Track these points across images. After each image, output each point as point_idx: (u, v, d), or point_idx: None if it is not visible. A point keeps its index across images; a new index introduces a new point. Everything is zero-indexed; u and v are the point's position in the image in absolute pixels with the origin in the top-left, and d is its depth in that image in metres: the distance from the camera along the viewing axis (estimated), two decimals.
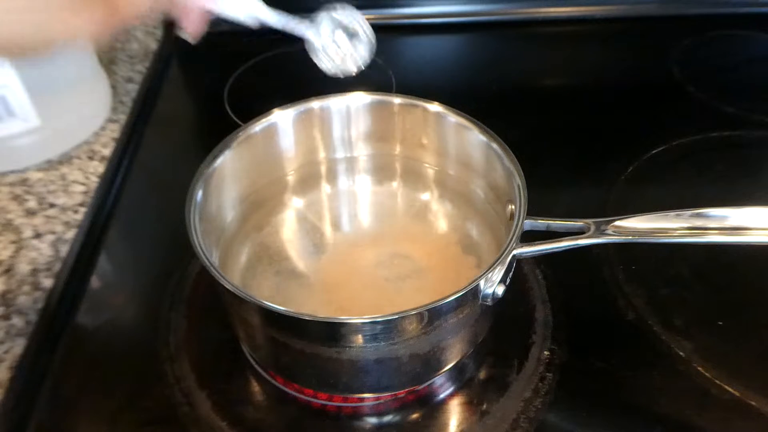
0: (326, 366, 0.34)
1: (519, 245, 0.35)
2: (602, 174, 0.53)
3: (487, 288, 0.33)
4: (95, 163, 0.55)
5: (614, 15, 0.73)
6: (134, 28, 0.73)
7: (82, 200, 0.51)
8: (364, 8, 0.39)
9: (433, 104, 0.43)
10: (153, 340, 0.41)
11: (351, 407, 0.38)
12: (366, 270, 0.41)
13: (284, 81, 0.65)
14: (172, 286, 0.45)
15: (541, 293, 0.44)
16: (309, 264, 0.41)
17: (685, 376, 0.40)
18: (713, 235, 0.35)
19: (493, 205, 0.42)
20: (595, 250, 0.47)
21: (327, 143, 0.46)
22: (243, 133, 0.41)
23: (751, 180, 0.54)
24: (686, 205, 0.36)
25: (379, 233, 0.44)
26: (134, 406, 0.39)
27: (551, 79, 0.68)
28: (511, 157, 0.39)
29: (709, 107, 0.61)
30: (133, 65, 0.67)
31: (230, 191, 0.42)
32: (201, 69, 0.69)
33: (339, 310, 0.39)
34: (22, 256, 0.47)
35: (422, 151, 0.46)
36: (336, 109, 0.44)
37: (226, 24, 0.38)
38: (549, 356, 0.40)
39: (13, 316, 0.43)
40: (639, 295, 0.44)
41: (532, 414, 0.38)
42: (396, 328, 0.32)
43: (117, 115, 0.60)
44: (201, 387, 0.39)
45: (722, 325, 0.42)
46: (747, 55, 0.70)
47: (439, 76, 0.68)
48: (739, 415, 0.38)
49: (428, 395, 0.39)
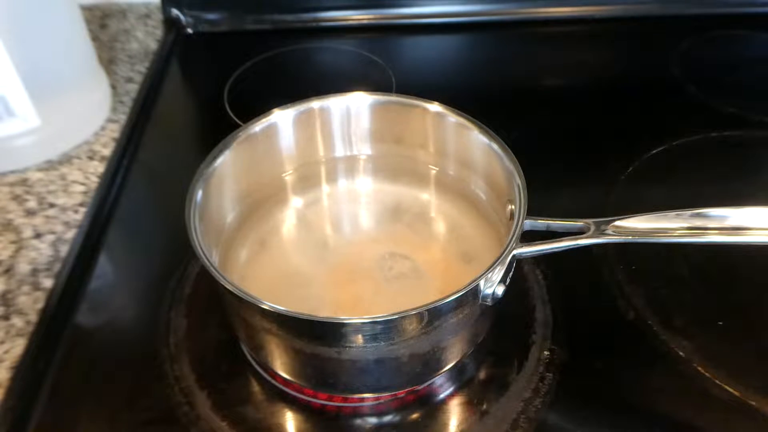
0: (326, 366, 0.34)
1: (519, 245, 0.35)
2: (602, 174, 0.53)
3: (487, 288, 0.33)
4: (95, 163, 0.55)
5: (614, 15, 0.73)
6: (134, 28, 0.73)
7: (82, 200, 0.51)
8: (365, 8, 0.39)
9: (433, 104, 0.43)
10: (153, 340, 0.41)
11: (351, 407, 0.38)
12: (366, 270, 0.41)
13: (284, 81, 0.65)
14: (172, 286, 0.45)
15: (541, 293, 0.44)
16: (309, 264, 0.41)
17: (685, 376, 0.40)
18: (713, 235, 0.35)
19: (493, 205, 0.42)
20: (595, 250, 0.47)
21: (327, 143, 0.46)
22: (243, 133, 0.41)
23: (751, 180, 0.54)
24: (686, 205, 0.36)
25: (378, 233, 0.44)
26: (134, 406, 0.39)
27: (551, 79, 0.68)
28: (511, 157, 0.39)
29: (709, 107, 0.61)
30: (133, 65, 0.67)
31: (230, 191, 0.42)
32: (201, 69, 0.70)
33: (339, 310, 0.39)
34: (22, 256, 0.47)
35: (422, 151, 0.46)
36: (336, 109, 0.44)
37: (226, 24, 0.38)
38: (549, 356, 0.40)
39: (13, 316, 0.43)
40: (639, 295, 0.44)
41: (532, 414, 0.38)
42: (396, 328, 0.32)
43: (117, 115, 0.60)
44: (201, 387, 0.39)
45: (722, 325, 0.42)
46: (747, 55, 0.70)
47: (439, 76, 0.68)
48: (739, 415, 0.38)
49: (428, 395, 0.39)
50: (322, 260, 0.42)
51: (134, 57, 0.69)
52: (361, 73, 0.67)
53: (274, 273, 0.40)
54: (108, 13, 0.75)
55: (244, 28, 0.72)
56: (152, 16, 0.75)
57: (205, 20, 0.71)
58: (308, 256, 0.42)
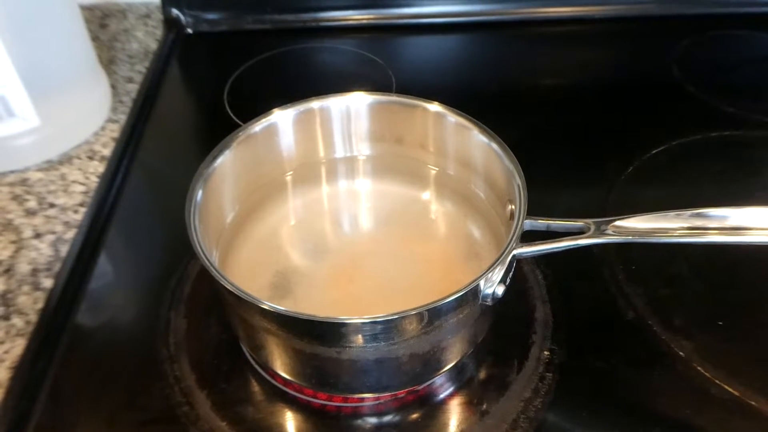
0: (326, 366, 0.34)
1: (519, 245, 0.35)
2: (602, 174, 0.53)
3: (487, 288, 0.33)
4: (95, 163, 0.55)
5: (614, 15, 0.73)
6: (134, 27, 0.73)
7: (82, 200, 0.51)
8: (365, 8, 0.39)
9: (433, 104, 0.43)
10: (153, 340, 0.42)
11: (351, 407, 0.38)
12: (365, 269, 0.41)
13: (284, 81, 0.65)
14: (172, 286, 0.45)
15: (541, 293, 0.44)
16: (309, 264, 0.41)
17: (685, 376, 0.40)
18: (713, 235, 0.35)
19: (493, 205, 0.42)
20: (595, 250, 0.47)
21: (327, 143, 0.46)
22: (243, 133, 0.41)
23: (751, 180, 0.54)
24: (686, 205, 0.36)
25: (378, 233, 0.44)
26: (134, 406, 0.39)
27: (551, 79, 0.68)
28: (511, 157, 0.39)
29: (709, 107, 0.61)
30: (133, 65, 0.67)
31: (230, 191, 0.42)
32: (201, 69, 0.70)
33: (339, 310, 0.39)
34: (22, 256, 0.47)
35: (422, 151, 0.46)
36: (336, 109, 0.44)
37: (226, 24, 0.38)
38: (549, 356, 0.40)
39: (13, 316, 0.43)
40: (639, 295, 0.44)
41: (532, 414, 0.38)
42: (396, 328, 0.32)
43: (117, 115, 0.60)
44: (201, 387, 0.39)
45: (722, 325, 0.42)
46: (747, 55, 0.70)
47: (439, 76, 0.68)
48: (739, 415, 0.38)
49: (428, 395, 0.39)
50: (322, 260, 0.42)
51: (134, 57, 0.69)
52: (361, 73, 0.67)
53: (274, 273, 0.40)
54: (108, 13, 0.75)
55: (244, 28, 0.72)
56: (152, 16, 0.75)
57: (205, 20, 0.71)
58: (308, 256, 0.42)
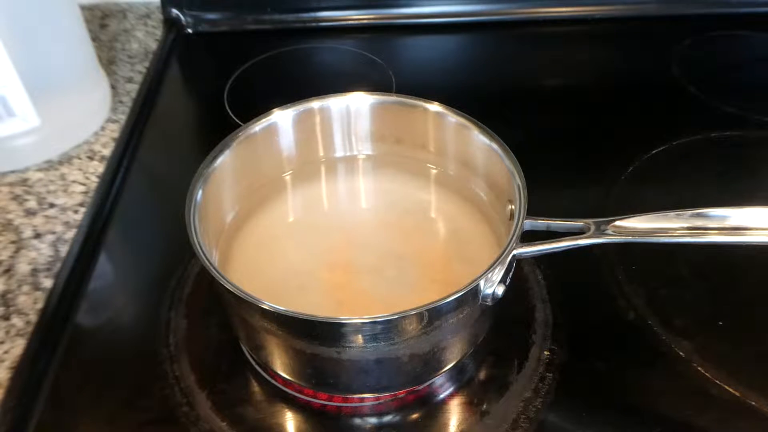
0: (326, 366, 0.34)
1: (519, 245, 0.35)
2: (602, 174, 0.53)
3: (487, 288, 0.33)
4: (95, 163, 0.55)
5: (614, 15, 0.73)
6: (134, 28, 0.73)
7: (81, 200, 0.51)
8: (365, 8, 0.39)
9: (433, 104, 0.43)
10: (153, 340, 0.41)
11: (351, 407, 0.38)
12: (366, 270, 0.41)
13: (284, 81, 0.65)
14: (172, 286, 0.45)
15: (541, 293, 0.44)
16: (309, 264, 0.41)
17: (685, 376, 0.40)
18: (713, 235, 0.35)
19: (493, 205, 0.42)
20: (595, 250, 0.47)
21: (327, 143, 0.46)
22: (243, 133, 0.41)
23: (751, 180, 0.54)
24: (686, 205, 0.36)
25: (378, 233, 0.44)
26: (134, 406, 0.39)
27: (551, 79, 0.68)
28: (511, 157, 0.39)
29: (709, 107, 0.61)
30: (133, 65, 0.67)
31: (230, 191, 0.42)
32: (201, 69, 0.70)
33: (339, 310, 0.39)
34: (22, 256, 0.47)
35: (422, 151, 0.46)
36: (336, 109, 0.44)
37: (226, 24, 0.38)
38: (549, 356, 0.40)
39: (13, 316, 0.43)
40: (639, 295, 0.44)
41: (532, 414, 0.38)
42: (396, 328, 0.32)
43: (117, 115, 0.60)
44: (201, 387, 0.39)
45: (722, 325, 0.42)
46: (747, 55, 0.70)
47: (439, 76, 0.68)
48: (739, 415, 0.38)
49: (428, 395, 0.39)
50: (322, 260, 0.42)
51: (134, 57, 0.69)
52: (361, 73, 0.67)
53: (274, 273, 0.40)
54: (108, 13, 0.75)
55: (244, 28, 0.72)
56: (152, 16, 0.75)
57: (205, 20, 0.71)
58: (308, 256, 0.42)
